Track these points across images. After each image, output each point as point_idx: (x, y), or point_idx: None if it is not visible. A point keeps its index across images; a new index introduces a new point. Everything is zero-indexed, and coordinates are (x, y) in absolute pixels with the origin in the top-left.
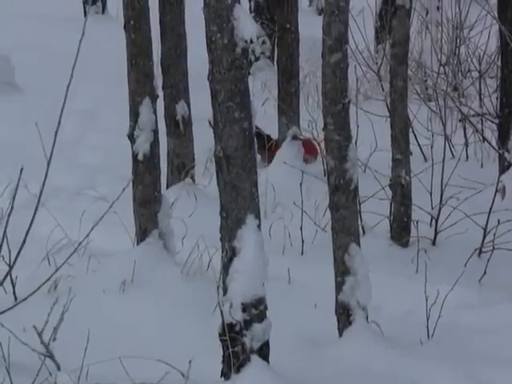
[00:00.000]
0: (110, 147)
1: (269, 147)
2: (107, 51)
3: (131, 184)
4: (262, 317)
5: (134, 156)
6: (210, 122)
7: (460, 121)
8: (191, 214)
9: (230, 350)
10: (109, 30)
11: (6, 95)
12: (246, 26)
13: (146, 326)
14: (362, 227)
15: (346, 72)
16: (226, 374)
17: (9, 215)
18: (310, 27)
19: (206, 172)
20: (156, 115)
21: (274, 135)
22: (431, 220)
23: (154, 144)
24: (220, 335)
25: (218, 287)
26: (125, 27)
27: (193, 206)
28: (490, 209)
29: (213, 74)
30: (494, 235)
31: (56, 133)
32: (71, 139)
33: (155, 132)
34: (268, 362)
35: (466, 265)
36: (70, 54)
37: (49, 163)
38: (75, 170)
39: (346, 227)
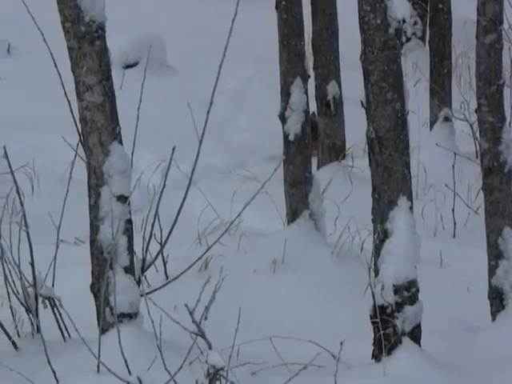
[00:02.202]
0: (261, 127)
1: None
2: (258, 31)
3: (282, 164)
4: (413, 299)
5: (285, 136)
6: (362, 103)
7: None
8: (346, 198)
9: (381, 332)
10: (260, 9)
11: (158, 75)
12: (399, 6)
13: (296, 307)
14: None
15: (501, 53)
16: (376, 357)
17: (161, 194)
18: (460, 7)
19: (357, 153)
20: (307, 95)
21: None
22: None
23: (305, 124)
24: (371, 317)
25: (369, 269)
26: (276, 7)
27: (345, 188)
28: None
29: (365, 54)
30: None
31: (208, 113)
32: (222, 119)
33: (306, 112)
34: (419, 344)
35: None
36: (221, 34)
37: (200, 143)
38: (226, 149)
39: (499, 210)
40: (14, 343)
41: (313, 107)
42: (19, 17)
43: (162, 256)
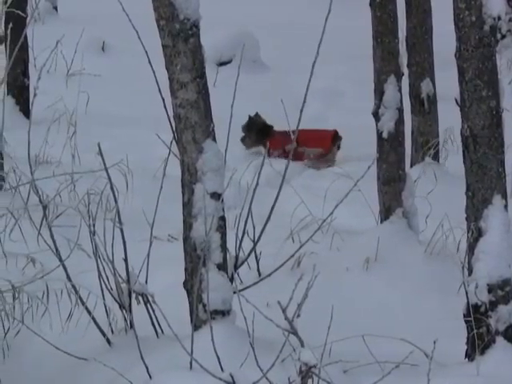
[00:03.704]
0: (354, 125)
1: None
2: (351, 28)
3: (375, 162)
4: (507, 298)
5: (379, 134)
6: (456, 101)
7: None
8: (429, 192)
9: (475, 331)
10: (354, 7)
11: (251, 72)
12: (494, 3)
13: (388, 305)
14: None
15: None
16: (470, 356)
17: (254, 191)
18: None
19: (447, 151)
20: (401, 93)
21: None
22: None
23: (399, 122)
24: (464, 316)
25: (462, 267)
26: (371, 4)
27: (435, 185)
28: None
29: (460, 51)
30: None
31: (301, 111)
32: (314, 117)
33: (400, 110)
34: None
35: None
36: (315, 32)
37: (294, 140)
38: None
39: None
40: (107, 339)
41: (406, 105)
42: (114, 15)
43: (255, 253)
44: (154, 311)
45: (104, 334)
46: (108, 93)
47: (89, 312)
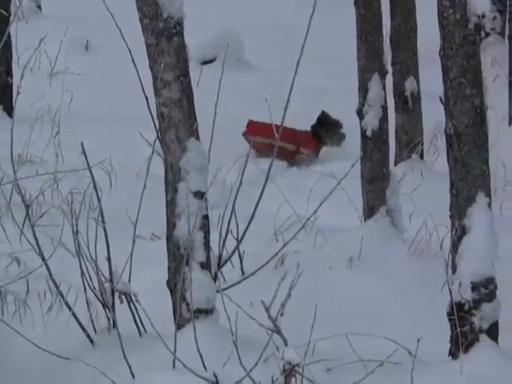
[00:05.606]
0: None
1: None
2: (336, 27)
3: (359, 160)
4: (491, 296)
5: (363, 132)
6: (440, 99)
7: None
8: (414, 190)
9: (459, 329)
10: (339, 5)
11: (235, 71)
12: (479, 1)
13: (372, 303)
14: None
15: None
16: (453, 354)
17: (237, 190)
18: None
19: (432, 148)
20: (385, 91)
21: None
22: None
23: (383, 120)
24: (448, 314)
25: (446, 266)
26: (355, 3)
27: (419, 183)
28: None
29: (444, 49)
30: None
31: (285, 109)
32: (299, 116)
33: (384, 108)
34: (497, 342)
35: None
36: (299, 31)
37: (277, 139)
38: None
39: None
40: (90, 338)
41: (390, 103)
42: (97, 14)
43: (239, 252)
44: (137, 310)
45: (87, 333)
46: (92, 92)
47: (71, 311)
